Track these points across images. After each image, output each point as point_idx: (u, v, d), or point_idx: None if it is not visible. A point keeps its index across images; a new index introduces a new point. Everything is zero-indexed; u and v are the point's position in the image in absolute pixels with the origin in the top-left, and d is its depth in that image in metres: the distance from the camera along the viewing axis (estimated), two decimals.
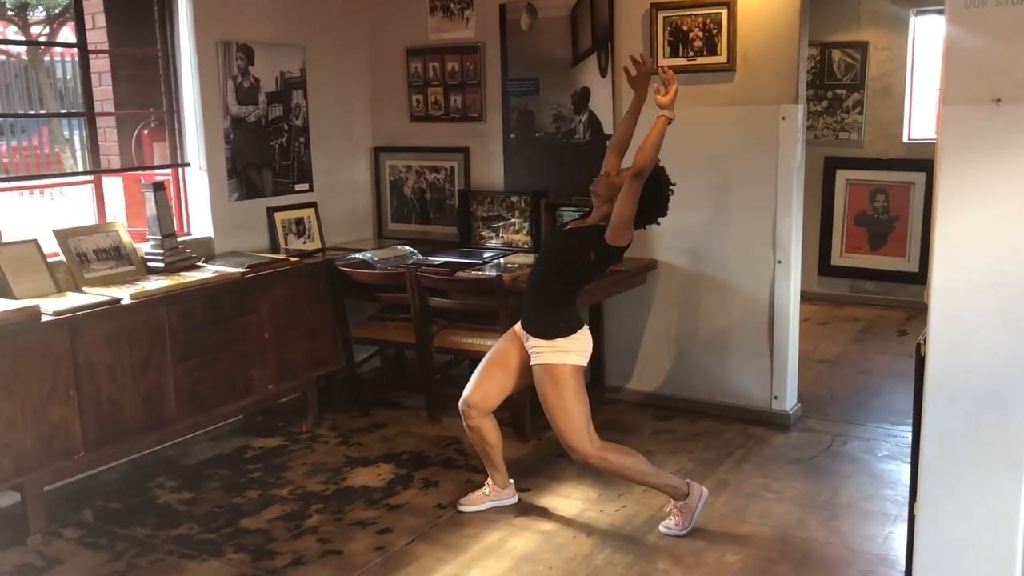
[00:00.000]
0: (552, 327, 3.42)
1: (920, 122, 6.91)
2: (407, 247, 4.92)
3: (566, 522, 3.59)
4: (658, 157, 3.35)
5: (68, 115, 4.57)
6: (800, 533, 3.45)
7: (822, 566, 3.21)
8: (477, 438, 3.65)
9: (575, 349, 3.43)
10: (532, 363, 3.46)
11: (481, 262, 4.64)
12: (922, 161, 6.65)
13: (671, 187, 3.56)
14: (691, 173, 4.54)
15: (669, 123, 3.33)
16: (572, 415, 3.39)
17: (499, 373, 3.59)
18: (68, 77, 4.81)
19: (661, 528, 3.47)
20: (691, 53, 4.42)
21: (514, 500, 3.74)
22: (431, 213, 5.39)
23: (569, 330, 3.43)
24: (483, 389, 3.59)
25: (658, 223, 3.65)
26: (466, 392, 3.62)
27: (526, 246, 4.97)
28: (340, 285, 4.66)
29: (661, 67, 3.47)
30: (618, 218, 3.34)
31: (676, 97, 3.36)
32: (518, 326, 3.59)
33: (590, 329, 4.76)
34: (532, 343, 3.47)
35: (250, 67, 4.72)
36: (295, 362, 4.47)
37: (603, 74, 4.69)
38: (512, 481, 3.77)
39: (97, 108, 4.32)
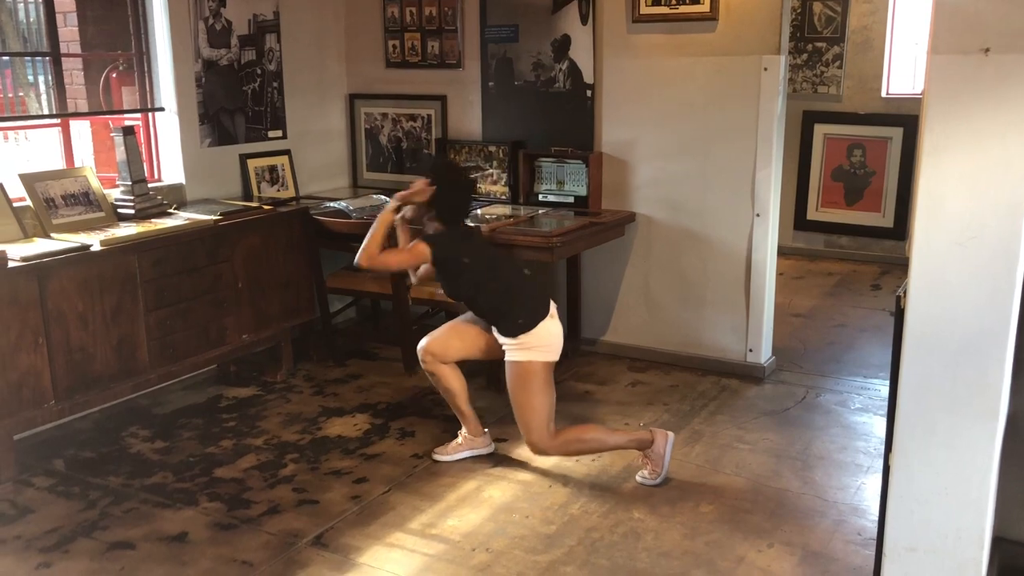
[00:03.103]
0: (511, 326, 3.41)
1: (899, 77, 6.89)
2: (383, 196, 4.85)
3: (542, 472, 3.60)
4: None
5: (32, 55, 4.43)
6: (774, 483, 3.48)
7: (795, 516, 3.25)
8: (437, 384, 3.64)
9: (539, 344, 3.41)
10: (505, 359, 3.46)
11: None
12: (900, 116, 6.65)
13: (468, 191, 3.62)
14: (671, 124, 4.51)
15: (397, 212, 3.52)
16: (535, 412, 3.41)
17: (469, 336, 3.58)
18: (32, 19, 4.65)
19: (637, 478, 3.49)
20: (673, 1, 4.35)
21: (490, 449, 3.74)
22: (407, 162, 5.32)
23: (528, 325, 3.40)
24: (446, 341, 3.58)
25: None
26: (427, 339, 3.60)
27: (504, 197, 4.93)
28: (315, 234, 4.60)
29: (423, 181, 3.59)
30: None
31: (407, 199, 3.52)
32: None
33: (568, 283, 4.81)
34: (501, 340, 3.47)
35: (222, 9, 4.59)
36: (269, 312, 4.42)
37: (584, 21, 4.61)
38: (487, 430, 3.76)
39: (63, 49, 4.18)
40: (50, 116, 4.22)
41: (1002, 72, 2.11)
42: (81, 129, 4.64)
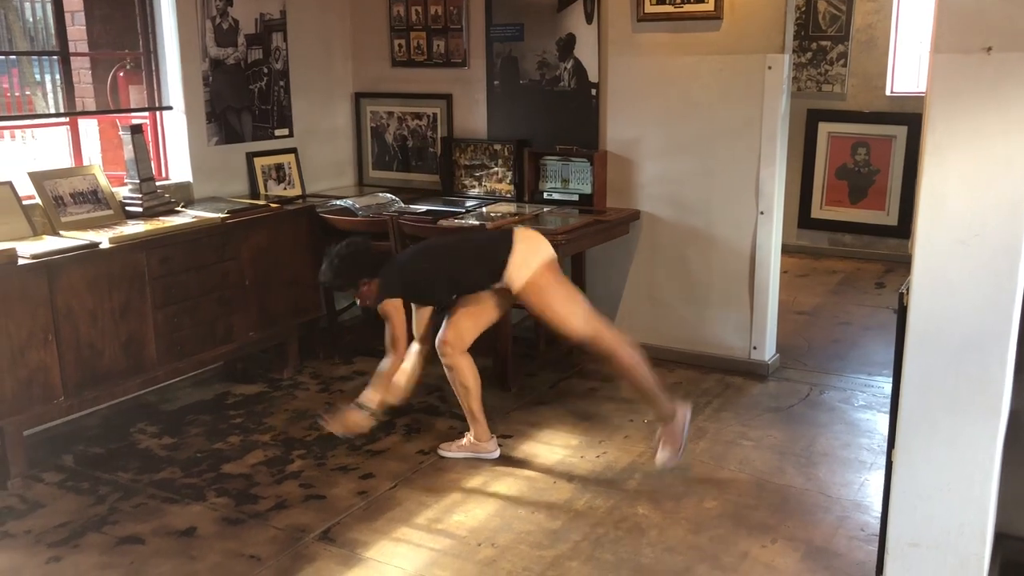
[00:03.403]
0: (499, 267, 3.48)
1: (904, 75, 6.90)
2: (389, 195, 4.87)
3: (547, 468, 3.62)
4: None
5: (41, 54, 4.46)
6: (778, 480, 3.50)
7: (799, 512, 3.27)
8: (454, 380, 3.65)
9: (526, 257, 3.48)
10: (518, 294, 3.52)
11: (463, 211, 4.61)
12: (904, 114, 6.66)
13: (354, 253, 3.62)
14: (675, 122, 4.53)
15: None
16: (566, 311, 3.51)
17: (474, 311, 3.61)
18: (38, 17, 4.68)
19: (658, 464, 3.51)
20: (678, 0, 4.37)
21: (495, 455, 3.71)
22: (413, 161, 5.34)
23: (506, 252, 3.48)
24: (458, 326, 3.61)
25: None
26: (441, 332, 3.63)
27: (509, 195, 4.95)
28: (321, 232, 4.62)
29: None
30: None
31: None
32: None
33: (573, 281, 4.81)
34: (501, 285, 3.52)
35: (229, 8, 4.62)
36: (276, 309, 4.45)
37: (589, 20, 4.63)
38: (494, 436, 3.75)
39: (71, 48, 4.21)
40: (60, 115, 4.25)
41: (1004, 71, 2.13)
42: (88, 127, 4.67)
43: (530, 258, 3.50)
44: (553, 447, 3.79)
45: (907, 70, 6.91)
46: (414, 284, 3.57)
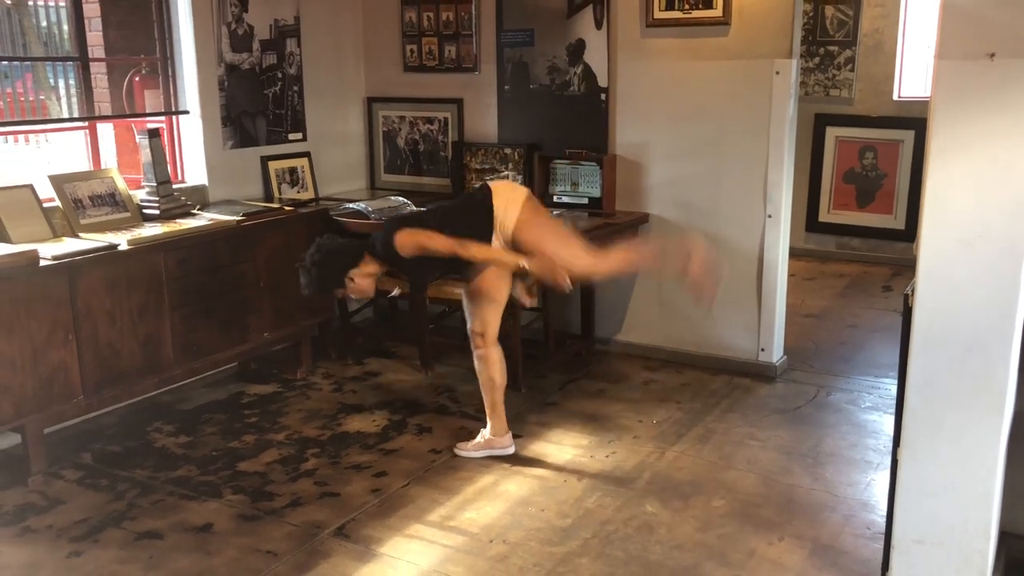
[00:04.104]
0: (487, 226, 3.54)
1: (911, 79, 6.94)
2: (401, 198, 4.93)
3: (557, 467, 3.67)
4: None
5: (60, 59, 4.53)
6: (785, 479, 3.55)
7: (806, 511, 3.31)
8: (482, 372, 3.72)
9: (507, 201, 3.55)
10: (514, 232, 3.56)
11: None
12: (911, 119, 6.69)
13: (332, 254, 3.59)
14: (684, 126, 4.58)
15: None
16: (556, 241, 3.59)
17: (486, 294, 3.68)
18: (53, 21, 4.76)
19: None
20: (687, 6, 4.42)
21: (510, 450, 3.77)
22: (424, 164, 5.40)
23: (490, 202, 3.55)
24: (479, 314, 3.69)
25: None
26: (469, 325, 3.73)
27: None
28: (334, 235, 4.67)
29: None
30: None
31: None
32: None
33: (582, 283, 4.88)
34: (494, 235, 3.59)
35: (244, 14, 4.69)
36: (290, 310, 4.51)
37: (598, 26, 4.69)
38: (509, 431, 3.81)
39: (89, 54, 4.28)
40: (78, 119, 4.32)
41: (1007, 76, 2.18)
42: (104, 131, 4.74)
43: (511, 199, 3.56)
44: (563, 447, 3.85)
45: (914, 75, 6.95)
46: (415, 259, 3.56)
